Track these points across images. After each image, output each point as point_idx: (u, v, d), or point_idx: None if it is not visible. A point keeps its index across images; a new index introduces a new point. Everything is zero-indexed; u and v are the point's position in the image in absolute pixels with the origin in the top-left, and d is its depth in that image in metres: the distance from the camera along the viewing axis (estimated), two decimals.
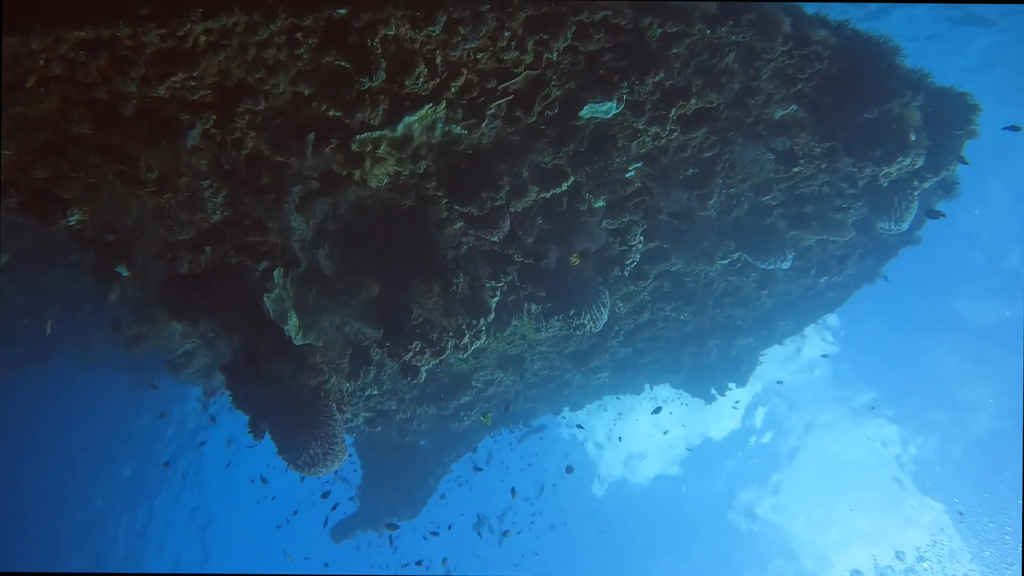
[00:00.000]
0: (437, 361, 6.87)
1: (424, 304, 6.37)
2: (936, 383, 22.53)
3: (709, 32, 5.71)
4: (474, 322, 6.79)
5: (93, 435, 22.49)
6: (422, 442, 13.59)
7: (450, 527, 14.54)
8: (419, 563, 16.73)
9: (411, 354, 6.60)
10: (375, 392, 9.92)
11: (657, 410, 14.57)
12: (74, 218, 5.35)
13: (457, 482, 17.16)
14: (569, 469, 14.68)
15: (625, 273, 8.19)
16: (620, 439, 28.51)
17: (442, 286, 6.49)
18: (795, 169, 7.36)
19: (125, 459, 24.04)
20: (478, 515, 19.37)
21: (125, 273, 5.87)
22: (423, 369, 6.98)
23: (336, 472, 6.87)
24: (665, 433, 27.68)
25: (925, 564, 23.91)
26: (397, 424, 11.40)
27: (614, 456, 31.46)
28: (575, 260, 6.97)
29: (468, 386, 10.64)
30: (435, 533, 13.70)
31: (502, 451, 18.67)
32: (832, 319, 14.18)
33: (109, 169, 5.08)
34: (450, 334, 6.66)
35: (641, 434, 28.31)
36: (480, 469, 14.34)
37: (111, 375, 17.24)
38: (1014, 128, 7.63)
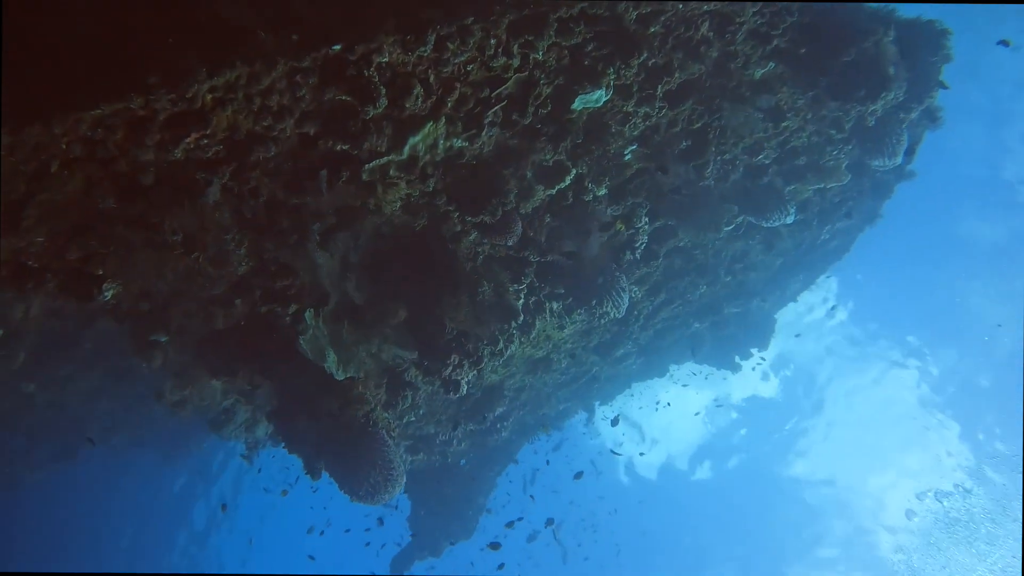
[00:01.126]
0: (476, 372, 7.00)
1: (456, 316, 6.51)
2: (955, 312, 22.67)
3: (681, 7, 5.91)
4: (506, 326, 6.93)
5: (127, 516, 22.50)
6: (463, 462, 13.66)
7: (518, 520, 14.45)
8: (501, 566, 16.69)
9: (450, 368, 6.73)
10: (413, 418, 10.02)
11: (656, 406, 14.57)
12: (109, 293, 5.48)
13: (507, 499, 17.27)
14: (578, 475, 14.63)
15: (637, 256, 8.33)
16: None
17: (470, 296, 6.64)
18: (784, 124, 7.55)
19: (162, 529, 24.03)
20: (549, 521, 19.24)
21: (164, 339, 6.01)
22: (464, 382, 7.10)
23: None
24: (697, 414, 27.68)
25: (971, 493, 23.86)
26: (438, 447, 11.48)
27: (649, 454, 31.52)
28: (620, 226, 7.12)
29: (501, 396, 10.74)
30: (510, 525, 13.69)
31: (538, 460, 18.67)
32: (841, 271, 14.27)
33: (137, 238, 5.22)
34: (484, 342, 6.80)
35: (671, 421, 28.38)
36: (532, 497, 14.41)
37: (140, 454, 17.32)
38: (1005, 43, 7.86)
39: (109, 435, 14.55)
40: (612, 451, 22.22)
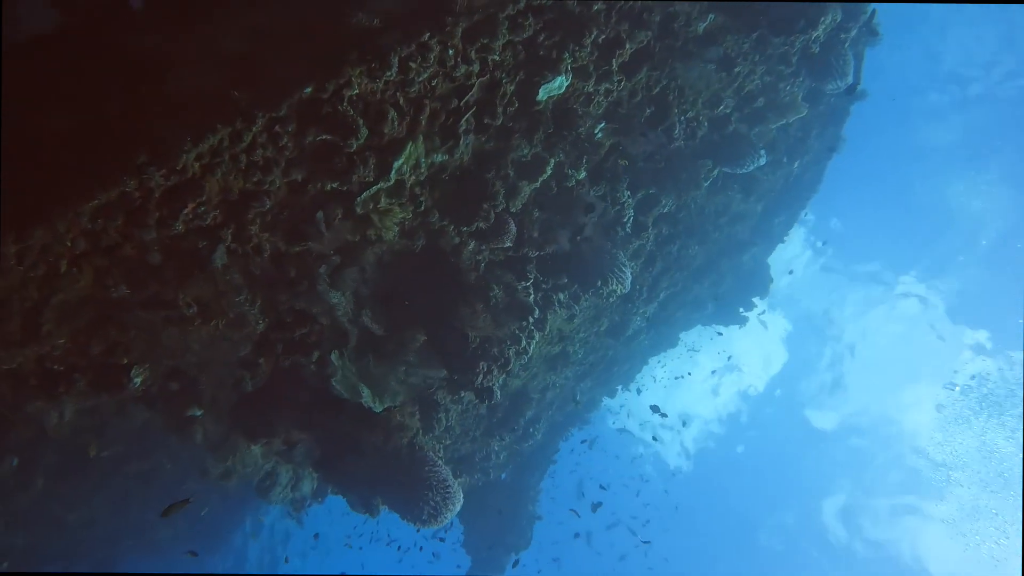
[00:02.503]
0: (505, 375, 7.10)
1: (475, 325, 6.62)
2: (935, 216, 23.10)
3: None
4: (524, 323, 7.05)
5: None
6: (503, 476, 13.70)
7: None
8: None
9: (480, 376, 6.82)
10: (448, 441, 10.08)
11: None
12: (138, 379, 5.54)
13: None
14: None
15: (628, 230, 8.50)
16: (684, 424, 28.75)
17: (483, 303, 6.75)
18: (736, 70, 7.78)
19: None
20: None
21: (199, 413, 6.06)
22: (496, 388, 7.19)
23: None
24: (713, 372, 27.76)
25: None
26: (479, 465, 11.53)
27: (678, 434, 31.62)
28: (624, 161, 7.26)
29: (527, 400, 10.84)
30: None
31: (575, 457, 18.72)
32: (820, 204, 14.54)
33: (155, 318, 5.30)
34: (508, 343, 6.91)
35: (694, 390, 28.61)
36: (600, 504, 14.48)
37: (175, 546, 17.14)
38: None
39: (149, 537, 14.42)
40: (654, 438, 22.19)
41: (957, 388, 23.93)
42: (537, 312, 7.25)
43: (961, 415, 23.79)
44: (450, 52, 5.41)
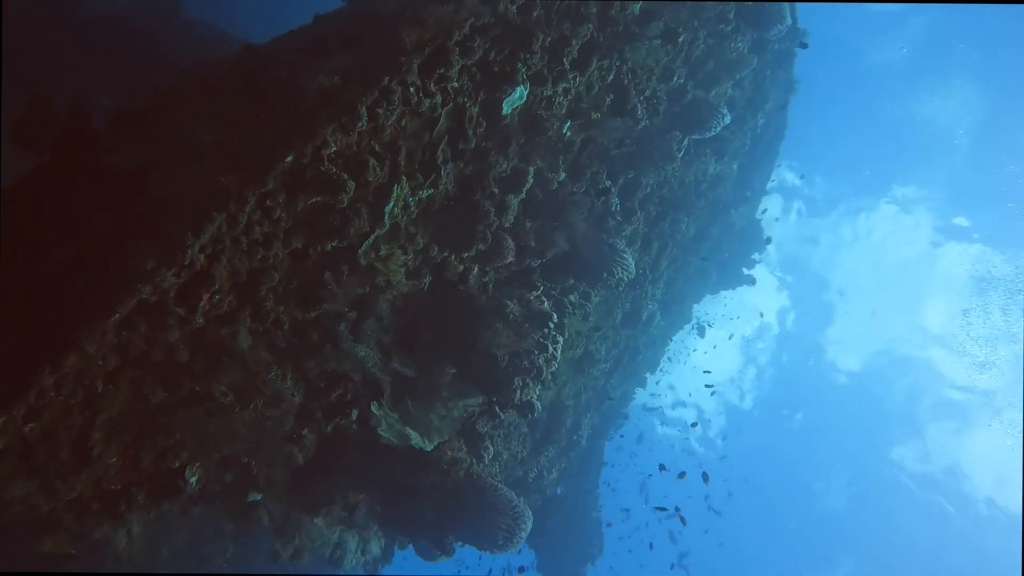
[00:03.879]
0: (540, 385, 7.17)
1: (499, 343, 6.71)
2: (908, 131, 23.39)
3: None
4: (546, 330, 7.14)
5: None
6: (559, 491, 13.66)
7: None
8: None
9: (518, 391, 6.89)
10: (498, 468, 10.09)
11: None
12: (193, 478, 5.60)
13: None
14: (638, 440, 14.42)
15: (618, 218, 8.65)
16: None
17: (502, 320, 6.85)
18: (680, 40, 7.98)
19: None
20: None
21: (258, 498, 6.10)
22: (535, 401, 7.26)
23: None
24: (730, 337, 27.75)
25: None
26: (533, 485, 11.51)
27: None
28: (596, 115, 7.38)
29: (564, 408, 10.88)
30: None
31: (625, 456, 18.71)
32: (791, 150, 14.70)
33: (196, 414, 5.37)
34: (535, 352, 6.99)
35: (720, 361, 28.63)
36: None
37: None
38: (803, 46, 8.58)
39: None
40: (707, 385, 21.90)
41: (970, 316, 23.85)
42: (555, 316, 7.34)
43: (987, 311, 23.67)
44: (411, 90, 5.57)
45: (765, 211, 14.08)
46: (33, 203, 5.40)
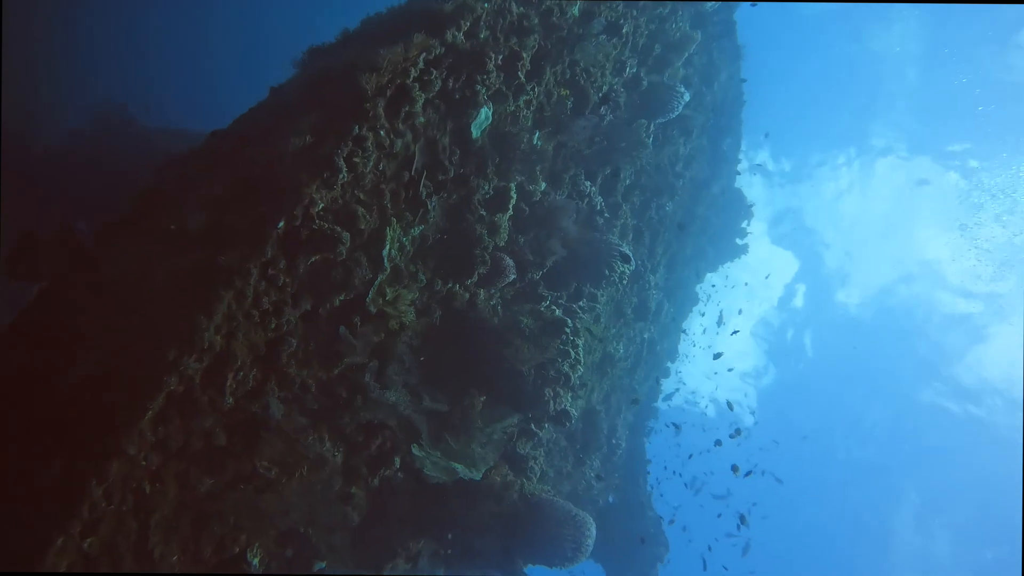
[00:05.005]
0: (571, 391, 7.19)
1: (522, 358, 6.74)
2: (863, 73, 23.72)
3: (487, 5, 6.48)
4: (564, 336, 7.18)
5: None
6: (611, 499, 13.56)
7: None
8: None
9: (551, 402, 6.91)
10: (548, 487, 10.03)
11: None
12: (256, 559, 5.57)
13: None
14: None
15: (605, 214, 8.76)
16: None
17: (520, 337, 6.89)
18: (624, 31, 8.17)
19: None
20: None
21: (323, 566, 6.07)
22: (570, 408, 7.27)
23: None
24: (740, 312, 27.81)
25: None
26: (584, 496, 11.44)
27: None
28: (564, 92, 7.47)
29: (597, 414, 10.87)
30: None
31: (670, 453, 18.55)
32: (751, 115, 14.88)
33: (245, 494, 5.37)
34: (559, 360, 7.03)
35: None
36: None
37: None
38: None
39: None
40: (729, 405, 21.76)
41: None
42: (570, 322, 7.39)
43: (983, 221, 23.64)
44: (382, 133, 5.68)
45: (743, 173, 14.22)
46: (41, 329, 5.45)
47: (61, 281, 5.71)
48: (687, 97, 9.18)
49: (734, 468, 12.25)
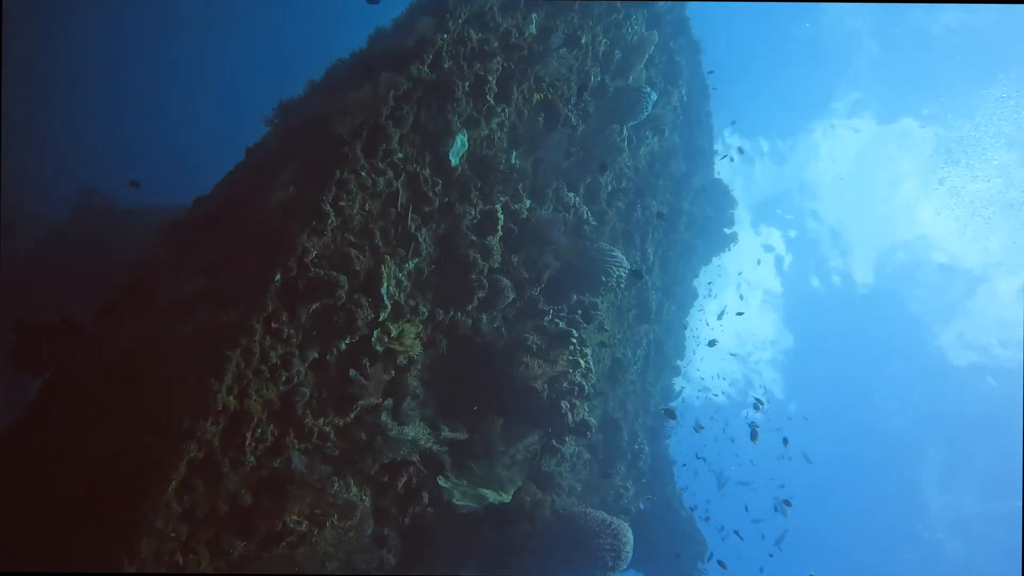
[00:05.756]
0: (587, 402, 7.19)
1: (534, 375, 6.74)
2: (819, 51, 24.13)
3: (447, 36, 6.59)
4: (572, 347, 7.20)
5: None
6: (642, 506, 13.46)
7: None
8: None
9: (568, 414, 6.90)
10: (575, 501, 9.98)
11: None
12: None
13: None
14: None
15: (592, 222, 8.82)
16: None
17: (528, 353, 6.91)
18: (583, 42, 8.30)
19: None
20: None
21: None
22: (587, 417, 7.25)
23: None
24: (741, 298, 27.85)
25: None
26: (614, 506, 11.36)
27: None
28: (538, 96, 7.51)
29: (615, 422, 10.84)
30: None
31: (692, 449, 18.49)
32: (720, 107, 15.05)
33: (280, 551, 5.33)
34: (570, 371, 7.03)
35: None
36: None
37: None
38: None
39: None
40: (759, 404, 21.65)
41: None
42: (575, 332, 7.41)
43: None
44: (363, 174, 5.74)
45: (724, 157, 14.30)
46: (54, 414, 5.44)
47: (66, 367, 5.72)
48: (654, 97, 9.31)
49: (753, 431, 12.04)
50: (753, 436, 12.03)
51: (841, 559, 35.32)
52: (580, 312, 8.51)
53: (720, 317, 21.81)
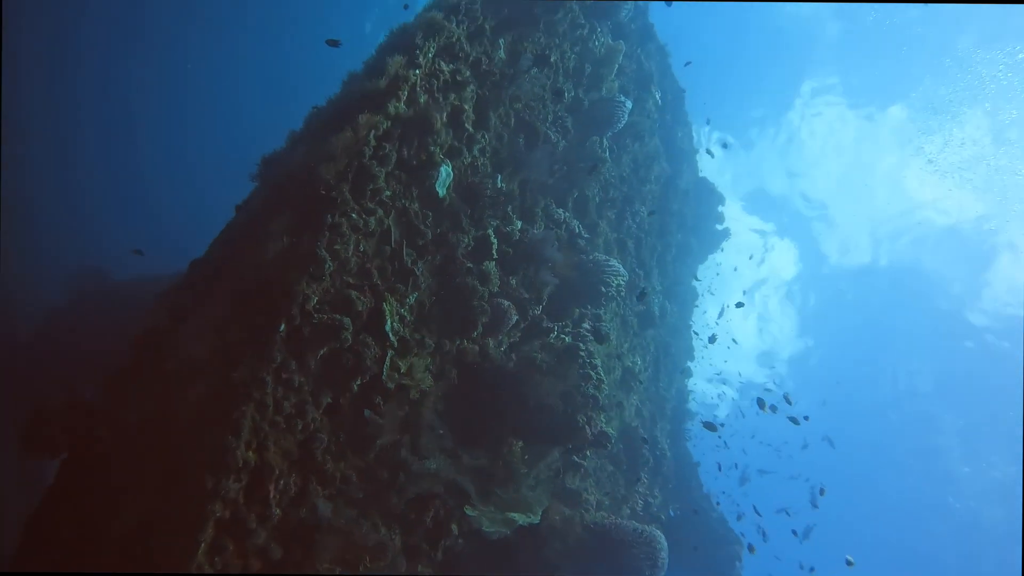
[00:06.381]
0: (603, 413, 7.19)
1: (546, 392, 6.75)
2: (778, 39, 24.46)
3: (418, 72, 6.70)
4: (581, 360, 7.22)
5: None
6: (671, 513, 13.37)
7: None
8: None
9: (587, 427, 6.89)
10: (604, 514, 9.91)
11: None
12: None
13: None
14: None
15: (585, 235, 8.88)
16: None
17: (538, 372, 6.92)
18: (552, 60, 8.43)
19: None
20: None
21: None
22: (605, 428, 7.25)
23: None
24: (744, 294, 27.80)
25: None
26: (643, 517, 11.28)
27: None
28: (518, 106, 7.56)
29: (633, 430, 10.81)
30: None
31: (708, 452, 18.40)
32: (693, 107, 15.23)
33: None
34: (583, 384, 7.04)
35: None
36: None
37: None
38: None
39: None
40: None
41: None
42: (582, 345, 7.43)
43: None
44: (353, 216, 5.80)
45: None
46: (75, 494, 5.43)
47: (82, 446, 5.72)
48: (629, 105, 9.41)
49: (760, 402, 11.98)
50: (761, 405, 12.06)
51: (873, 542, 34.94)
52: (584, 326, 8.54)
53: (720, 316, 21.84)
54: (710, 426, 11.61)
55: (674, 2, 11.19)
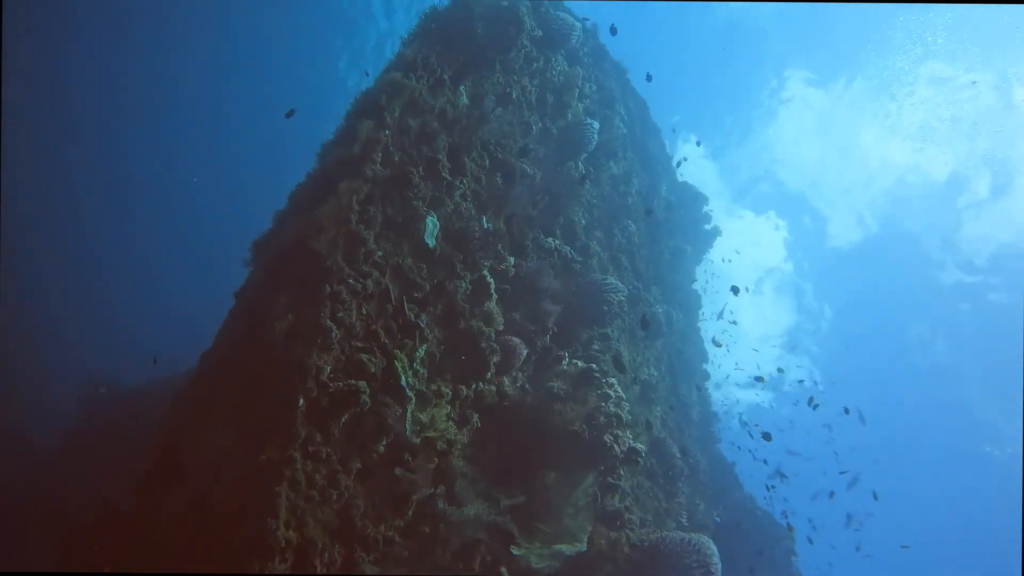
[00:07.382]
0: (627, 429, 7.21)
1: (569, 419, 6.79)
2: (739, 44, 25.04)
3: (388, 132, 6.88)
4: (596, 380, 7.26)
5: None
6: (717, 518, 13.25)
7: None
8: None
9: (615, 446, 6.91)
10: (648, 530, 9.84)
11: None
12: None
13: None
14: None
15: (578, 259, 9.00)
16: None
17: (557, 401, 6.97)
18: (513, 97, 8.66)
19: None
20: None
21: None
22: (634, 444, 7.26)
23: None
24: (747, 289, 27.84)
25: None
26: (688, 526, 11.18)
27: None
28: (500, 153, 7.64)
29: (662, 442, 10.78)
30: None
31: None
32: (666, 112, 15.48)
33: None
34: (603, 404, 7.08)
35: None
36: None
37: None
38: None
39: None
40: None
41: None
42: (595, 366, 7.49)
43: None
44: (351, 281, 5.91)
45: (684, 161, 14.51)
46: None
47: (120, 555, 5.73)
48: (597, 125, 9.62)
49: (765, 436, 11.94)
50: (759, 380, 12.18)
51: (920, 511, 34.45)
52: (593, 347, 8.61)
53: (720, 315, 21.85)
54: (767, 436, 11.61)
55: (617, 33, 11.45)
